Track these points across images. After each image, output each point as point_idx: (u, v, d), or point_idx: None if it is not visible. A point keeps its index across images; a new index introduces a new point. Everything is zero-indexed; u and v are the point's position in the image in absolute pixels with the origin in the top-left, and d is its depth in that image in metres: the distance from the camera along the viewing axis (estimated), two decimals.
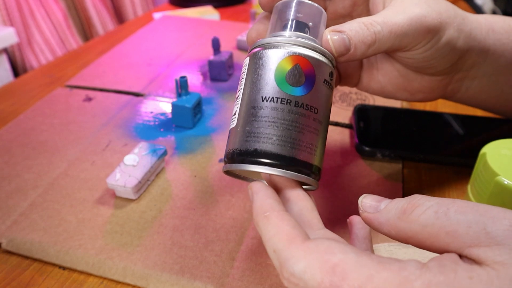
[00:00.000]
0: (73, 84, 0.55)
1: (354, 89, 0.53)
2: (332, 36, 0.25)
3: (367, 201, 0.22)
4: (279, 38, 0.24)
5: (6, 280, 0.30)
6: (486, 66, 0.32)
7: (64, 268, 0.31)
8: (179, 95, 0.45)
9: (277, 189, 0.24)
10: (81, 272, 0.31)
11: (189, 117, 0.45)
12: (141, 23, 0.81)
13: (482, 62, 0.32)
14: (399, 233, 0.19)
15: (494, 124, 0.44)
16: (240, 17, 0.85)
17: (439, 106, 0.52)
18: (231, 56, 0.55)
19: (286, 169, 0.22)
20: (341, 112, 0.48)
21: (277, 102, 0.23)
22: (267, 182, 0.25)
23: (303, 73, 0.23)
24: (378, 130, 0.43)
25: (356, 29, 0.26)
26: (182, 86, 0.45)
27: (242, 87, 0.24)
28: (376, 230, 0.21)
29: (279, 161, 0.22)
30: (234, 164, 0.23)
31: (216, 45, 0.54)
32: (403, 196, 0.37)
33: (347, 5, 0.32)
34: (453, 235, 0.17)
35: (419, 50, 0.28)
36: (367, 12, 0.32)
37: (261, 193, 0.22)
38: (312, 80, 0.23)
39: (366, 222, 0.21)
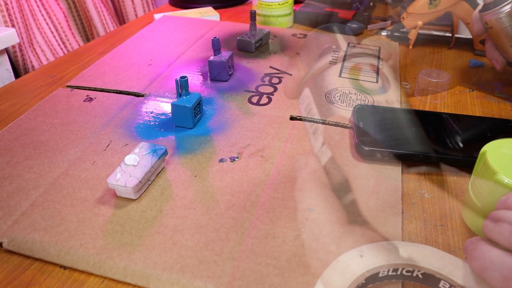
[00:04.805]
0: (74, 84, 0.55)
1: (354, 89, 0.53)
2: None
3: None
4: None
5: (7, 279, 0.30)
6: None
7: (65, 267, 0.31)
8: (179, 95, 0.45)
9: None
10: (82, 272, 0.31)
11: (189, 117, 0.45)
12: (141, 23, 0.81)
13: None
14: None
15: (494, 124, 0.44)
16: (240, 18, 0.86)
17: (439, 106, 0.52)
18: (231, 56, 0.55)
19: None
20: (341, 112, 0.48)
21: None
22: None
23: None
24: (377, 130, 0.43)
25: None
26: (182, 86, 0.45)
27: None
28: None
29: None
30: None
31: (216, 46, 0.54)
32: (402, 195, 0.37)
33: None
34: None
35: None
36: None
37: None
38: None
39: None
